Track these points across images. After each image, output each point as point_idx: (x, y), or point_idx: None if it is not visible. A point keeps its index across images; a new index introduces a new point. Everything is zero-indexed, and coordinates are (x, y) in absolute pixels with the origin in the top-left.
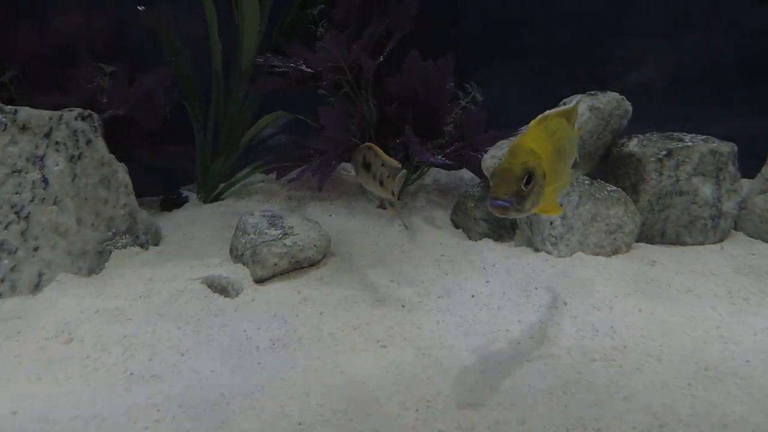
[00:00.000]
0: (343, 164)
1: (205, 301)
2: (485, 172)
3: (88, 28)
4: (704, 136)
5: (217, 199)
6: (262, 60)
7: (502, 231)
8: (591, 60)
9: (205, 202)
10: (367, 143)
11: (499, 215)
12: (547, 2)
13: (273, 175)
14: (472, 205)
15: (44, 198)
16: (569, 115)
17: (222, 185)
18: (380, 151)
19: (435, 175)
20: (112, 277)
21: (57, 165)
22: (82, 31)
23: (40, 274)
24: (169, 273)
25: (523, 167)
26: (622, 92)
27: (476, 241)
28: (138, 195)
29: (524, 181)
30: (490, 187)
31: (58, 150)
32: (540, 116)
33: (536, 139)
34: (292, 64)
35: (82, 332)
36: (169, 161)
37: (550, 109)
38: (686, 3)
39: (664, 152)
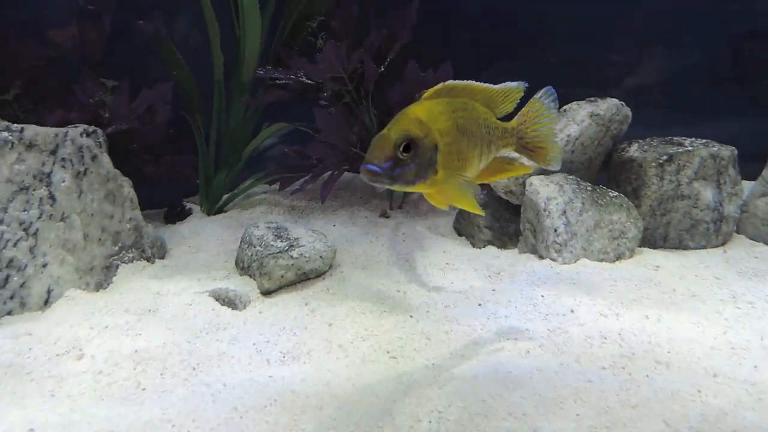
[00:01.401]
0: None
1: (214, 314)
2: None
3: (89, 43)
4: (704, 140)
5: (220, 210)
6: (263, 72)
7: (506, 238)
8: (591, 64)
9: (208, 213)
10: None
11: (369, 181)
12: (546, 7)
13: (275, 186)
14: None
15: (52, 214)
16: (488, 99)
17: (225, 196)
18: None
19: None
20: (120, 292)
21: (63, 181)
22: (84, 46)
23: (48, 291)
24: (176, 286)
25: (402, 134)
26: (622, 96)
27: (480, 248)
28: (142, 208)
29: (402, 148)
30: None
31: (64, 166)
32: (441, 85)
33: (427, 110)
34: (293, 76)
35: (93, 348)
36: (173, 173)
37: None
38: (683, 8)
39: (664, 157)
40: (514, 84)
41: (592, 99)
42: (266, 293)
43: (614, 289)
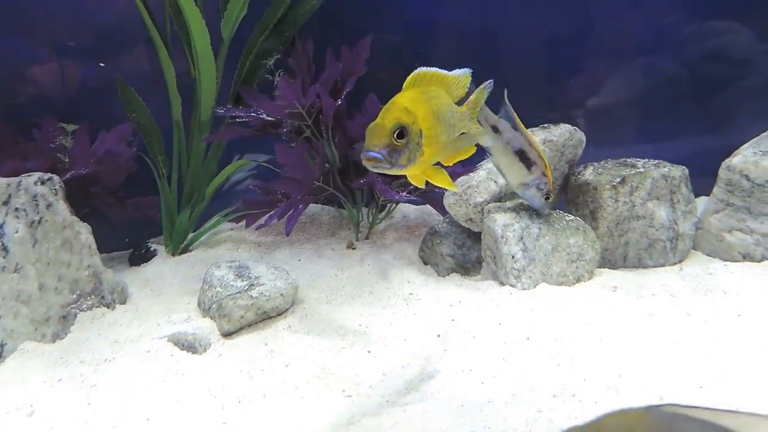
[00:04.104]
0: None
1: (172, 360)
2: (447, 209)
3: (47, 88)
4: (656, 161)
5: (186, 250)
6: (222, 111)
7: (469, 265)
8: (547, 87)
9: (173, 254)
10: None
11: (372, 168)
12: (503, 35)
13: (242, 222)
14: (438, 241)
15: (4, 267)
16: (447, 86)
17: (190, 235)
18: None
19: (404, 210)
20: (77, 342)
21: (17, 232)
22: (42, 91)
23: (1, 345)
24: (135, 333)
25: (395, 122)
26: (578, 117)
27: (444, 276)
28: (106, 250)
29: (396, 134)
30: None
31: (17, 216)
32: (415, 74)
33: (411, 99)
34: (252, 114)
35: (45, 403)
36: (136, 215)
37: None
38: (634, 27)
39: (618, 179)
40: (462, 71)
41: (545, 125)
42: (227, 335)
43: (571, 313)
